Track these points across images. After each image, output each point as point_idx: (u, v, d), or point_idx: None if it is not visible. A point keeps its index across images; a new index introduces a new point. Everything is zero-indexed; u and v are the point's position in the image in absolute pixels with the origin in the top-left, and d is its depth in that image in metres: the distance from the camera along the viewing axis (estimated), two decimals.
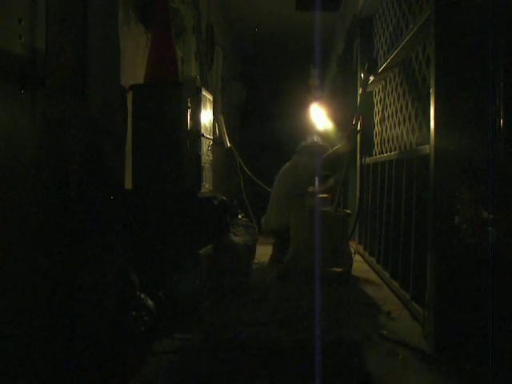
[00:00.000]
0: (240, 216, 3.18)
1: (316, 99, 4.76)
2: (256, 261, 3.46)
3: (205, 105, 2.51)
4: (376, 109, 3.86)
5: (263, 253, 3.71)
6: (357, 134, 3.71)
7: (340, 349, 1.95)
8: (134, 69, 2.57)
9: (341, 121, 4.33)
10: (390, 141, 3.29)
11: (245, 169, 4.22)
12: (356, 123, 3.56)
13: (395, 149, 3.14)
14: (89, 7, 1.93)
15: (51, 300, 1.60)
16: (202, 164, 2.44)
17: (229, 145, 4.20)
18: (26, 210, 1.48)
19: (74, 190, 1.80)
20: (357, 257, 3.80)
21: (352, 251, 3.30)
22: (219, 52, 5.35)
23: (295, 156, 3.85)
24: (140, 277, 1.95)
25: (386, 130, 3.45)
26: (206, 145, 2.54)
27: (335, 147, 3.65)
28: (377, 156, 3.69)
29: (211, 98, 2.67)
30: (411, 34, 2.43)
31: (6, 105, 1.37)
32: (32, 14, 1.51)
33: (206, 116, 2.54)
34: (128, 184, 2.39)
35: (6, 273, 1.38)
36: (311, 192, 3.37)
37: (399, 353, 1.90)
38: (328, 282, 3.03)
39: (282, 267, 3.24)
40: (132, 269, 1.92)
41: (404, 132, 2.90)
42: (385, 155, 3.38)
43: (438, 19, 1.95)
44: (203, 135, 2.46)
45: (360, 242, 4.16)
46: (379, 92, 3.75)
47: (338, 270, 3.17)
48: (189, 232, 2.23)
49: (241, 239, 2.90)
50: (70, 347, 1.64)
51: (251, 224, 3.51)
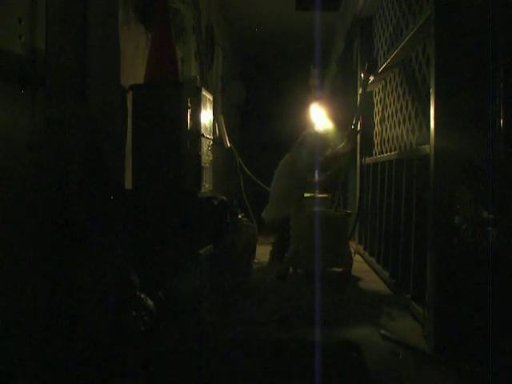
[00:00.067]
0: (240, 216, 3.17)
1: (316, 99, 4.76)
2: (256, 261, 3.46)
3: (205, 105, 2.51)
4: (376, 109, 3.86)
5: (263, 253, 3.71)
6: (357, 135, 3.72)
7: (340, 349, 1.95)
8: (134, 69, 2.57)
9: (341, 121, 4.32)
10: (390, 141, 3.30)
11: (245, 169, 4.22)
12: (356, 123, 3.56)
13: (395, 149, 3.14)
14: (89, 7, 1.93)
15: (51, 300, 1.60)
16: (202, 164, 2.44)
17: (229, 145, 4.20)
18: (26, 210, 1.48)
19: (74, 190, 1.80)
20: (357, 257, 3.80)
21: (352, 251, 3.30)
22: (219, 52, 5.35)
23: (295, 147, 3.84)
24: (140, 277, 1.94)
25: (386, 130, 3.45)
26: (206, 145, 2.54)
27: (336, 148, 3.66)
28: (377, 156, 3.69)
29: (211, 98, 2.67)
30: (411, 34, 2.43)
31: (6, 105, 1.38)
32: (32, 14, 1.51)
33: (206, 116, 2.54)
34: (128, 184, 2.39)
35: (6, 273, 1.38)
36: (311, 182, 3.38)
37: (399, 353, 1.90)
38: (328, 282, 3.03)
39: (282, 267, 3.24)
40: (132, 269, 1.92)
41: (404, 132, 2.90)
42: (385, 155, 3.38)
43: (438, 19, 1.95)
44: (203, 135, 2.46)
45: (360, 242, 4.16)
46: (379, 92, 3.75)
47: (338, 270, 3.17)
48: (189, 232, 2.23)
49: (241, 239, 2.90)
50: (70, 347, 1.64)
51: (251, 224, 3.51)
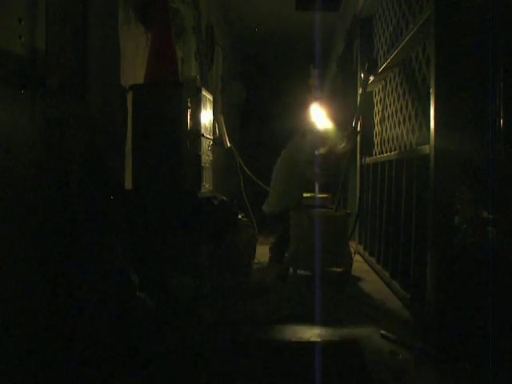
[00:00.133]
0: (240, 216, 3.17)
1: (316, 99, 4.75)
2: (256, 261, 3.45)
3: (205, 105, 2.51)
4: (376, 109, 3.85)
5: (263, 253, 3.71)
6: (357, 135, 3.71)
7: (340, 349, 1.95)
8: (134, 69, 2.57)
9: (341, 121, 4.32)
10: (390, 141, 3.29)
11: (245, 169, 4.22)
12: (356, 123, 3.56)
13: (395, 149, 3.14)
14: (89, 7, 1.93)
15: (51, 300, 1.60)
16: (202, 164, 2.44)
17: (229, 145, 4.20)
18: (26, 210, 1.48)
19: (74, 190, 1.80)
20: (357, 257, 3.79)
21: (352, 251, 3.30)
22: (219, 52, 5.35)
23: (294, 140, 3.85)
24: (140, 277, 1.94)
25: (386, 130, 3.45)
26: (206, 145, 2.54)
27: (336, 147, 3.66)
28: (377, 156, 3.69)
29: (211, 98, 2.67)
30: (411, 34, 2.43)
31: (6, 105, 1.38)
32: (32, 14, 1.51)
33: (206, 116, 2.55)
34: (128, 184, 2.39)
35: (7, 273, 1.38)
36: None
37: (399, 353, 1.90)
38: (328, 282, 3.03)
39: (282, 267, 3.24)
40: (132, 269, 1.92)
41: (404, 132, 2.90)
42: (385, 155, 3.38)
43: (438, 19, 1.95)
44: (203, 135, 2.46)
45: (360, 242, 4.16)
46: (379, 92, 3.75)
47: (338, 270, 3.17)
48: (189, 232, 2.23)
49: (241, 239, 2.90)
50: (70, 347, 1.64)
51: (251, 224, 3.51)
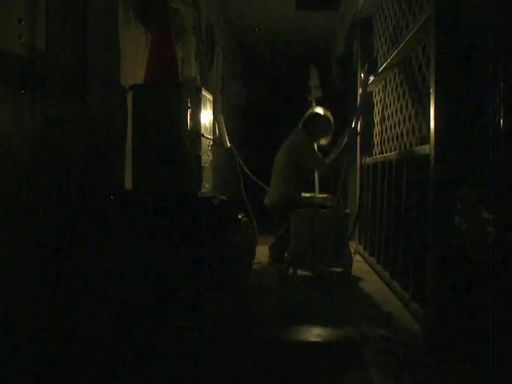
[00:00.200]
0: (240, 216, 3.17)
1: (316, 99, 4.74)
2: (256, 261, 3.45)
3: (205, 105, 2.50)
4: (376, 109, 3.85)
5: (263, 253, 3.71)
6: (357, 136, 3.71)
7: (340, 349, 1.95)
8: (134, 69, 2.57)
9: (340, 121, 4.32)
10: (390, 141, 3.29)
11: (245, 169, 4.21)
12: (356, 123, 3.56)
13: (395, 149, 3.14)
14: (89, 7, 1.93)
15: (51, 300, 1.60)
16: (202, 164, 2.44)
17: (229, 145, 4.20)
18: (26, 210, 1.48)
19: (74, 190, 1.80)
20: (357, 257, 3.79)
21: (352, 251, 3.30)
22: (219, 52, 5.35)
23: (295, 130, 3.87)
24: (139, 277, 1.95)
25: (386, 130, 3.45)
26: (206, 145, 2.54)
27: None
28: (377, 156, 3.69)
29: (211, 98, 2.67)
30: (411, 34, 2.43)
31: (6, 105, 1.38)
32: (32, 14, 1.51)
33: (206, 116, 2.54)
34: (128, 184, 2.39)
35: (7, 273, 1.38)
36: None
37: (399, 352, 1.90)
38: (328, 282, 3.03)
39: (282, 267, 3.25)
40: (132, 269, 1.92)
41: (404, 132, 2.90)
42: (385, 155, 3.38)
43: (438, 19, 1.95)
44: (203, 135, 2.45)
45: (360, 242, 4.16)
46: (379, 92, 3.75)
47: (338, 270, 3.17)
48: (189, 232, 2.23)
49: (241, 239, 2.90)
50: (70, 347, 1.64)
51: (251, 224, 3.50)
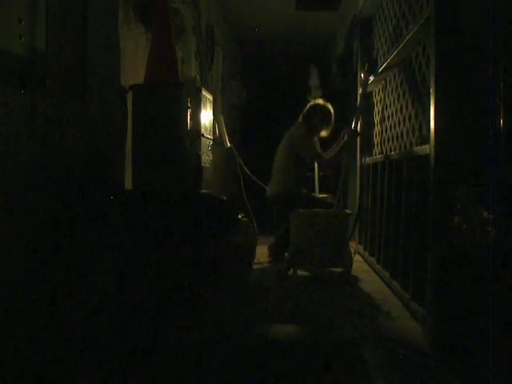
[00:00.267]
0: (240, 216, 3.17)
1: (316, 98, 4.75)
2: (256, 261, 3.45)
3: (205, 105, 2.50)
4: (376, 109, 3.85)
5: (263, 253, 3.71)
6: (357, 136, 3.72)
7: (340, 349, 1.95)
8: (134, 69, 2.57)
9: (340, 121, 4.32)
10: (390, 141, 3.29)
11: (245, 169, 4.21)
12: (356, 123, 3.56)
13: (395, 149, 3.14)
14: (89, 7, 1.93)
15: (51, 300, 1.60)
16: (202, 164, 2.44)
17: (229, 145, 4.20)
18: (26, 210, 1.48)
19: (74, 190, 1.80)
20: (357, 257, 3.79)
21: (352, 251, 3.30)
22: (219, 52, 5.35)
23: (296, 123, 3.88)
24: (139, 277, 1.95)
25: (386, 130, 3.45)
26: (206, 145, 2.54)
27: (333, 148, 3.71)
28: (377, 156, 3.69)
29: (211, 98, 2.67)
30: (411, 34, 2.43)
31: (6, 105, 1.38)
32: (32, 14, 1.51)
33: (206, 116, 2.54)
34: (128, 184, 2.39)
35: (7, 273, 1.38)
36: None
37: (399, 352, 1.90)
38: (328, 282, 3.03)
39: (282, 267, 3.25)
40: (131, 269, 1.92)
41: (404, 132, 2.90)
42: (385, 155, 3.37)
43: (438, 19, 1.95)
44: (203, 135, 2.45)
45: (360, 242, 4.16)
46: (379, 92, 3.75)
47: (338, 270, 3.17)
48: (189, 232, 2.23)
49: (241, 239, 2.90)
50: (70, 347, 1.64)
51: (251, 224, 3.50)
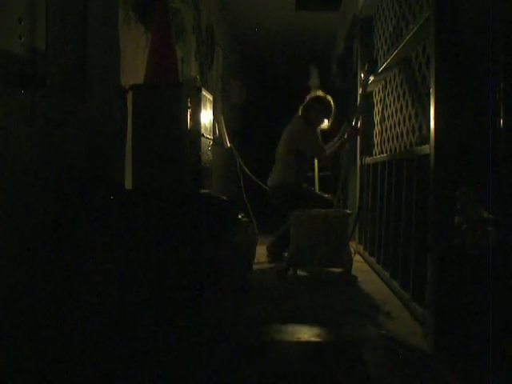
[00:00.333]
0: (240, 216, 3.17)
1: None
2: (256, 261, 3.46)
3: (205, 105, 2.50)
4: (376, 109, 3.85)
5: (263, 253, 3.71)
6: (357, 135, 3.72)
7: (340, 349, 1.95)
8: (134, 69, 2.57)
9: (340, 121, 4.32)
10: (390, 141, 3.29)
11: (245, 169, 4.21)
12: (356, 123, 3.56)
13: (395, 149, 3.14)
14: (89, 7, 1.93)
15: (51, 300, 1.60)
16: (202, 164, 2.44)
17: (229, 145, 4.20)
18: (26, 210, 1.48)
19: (74, 190, 1.80)
20: (357, 257, 3.79)
21: (352, 251, 3.30)
22: (219, 52, 5.35)
23: (295, 116, 3.90)
24: (140, 277, 1.95)
25: (386, 130, 3.45)
26: (206, 145, 2.54)
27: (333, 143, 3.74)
28: (377, 156, 3.69)
29: (211, 98, 2.67)
30: (411, 34, 2.43)
31: (6, 105, 1.38)
32: (32, 14, 1.51)
33: (206, 116, 2.54)
34: (128, 184, 2.39)
35: (6, 273, 1.38)
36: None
37: (399, 352, 1.90)
38: (328, 282, 3.02)
39: (282, 267, 3.25)
40: (132, 269, 1.92)
41: (404, 132, 2.90)
42: (385, 155, 3.38)
43: (438, 19, 1.95)
44: (203, 135, 2.45)
45: (360, 242, 4.16)
46: (379, 92, 3.75)
47: (338, 270, 3.17)
48: (189, 232, 2.23)
49: (241, 239, 2.90)
50: (70, 347, 1.64)
51: (251, 224, 3.50)
